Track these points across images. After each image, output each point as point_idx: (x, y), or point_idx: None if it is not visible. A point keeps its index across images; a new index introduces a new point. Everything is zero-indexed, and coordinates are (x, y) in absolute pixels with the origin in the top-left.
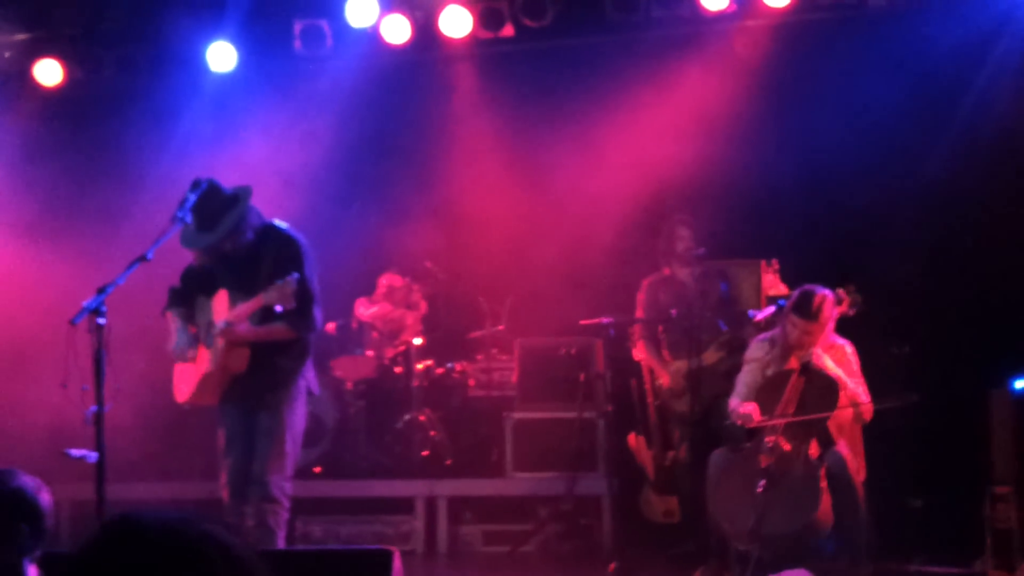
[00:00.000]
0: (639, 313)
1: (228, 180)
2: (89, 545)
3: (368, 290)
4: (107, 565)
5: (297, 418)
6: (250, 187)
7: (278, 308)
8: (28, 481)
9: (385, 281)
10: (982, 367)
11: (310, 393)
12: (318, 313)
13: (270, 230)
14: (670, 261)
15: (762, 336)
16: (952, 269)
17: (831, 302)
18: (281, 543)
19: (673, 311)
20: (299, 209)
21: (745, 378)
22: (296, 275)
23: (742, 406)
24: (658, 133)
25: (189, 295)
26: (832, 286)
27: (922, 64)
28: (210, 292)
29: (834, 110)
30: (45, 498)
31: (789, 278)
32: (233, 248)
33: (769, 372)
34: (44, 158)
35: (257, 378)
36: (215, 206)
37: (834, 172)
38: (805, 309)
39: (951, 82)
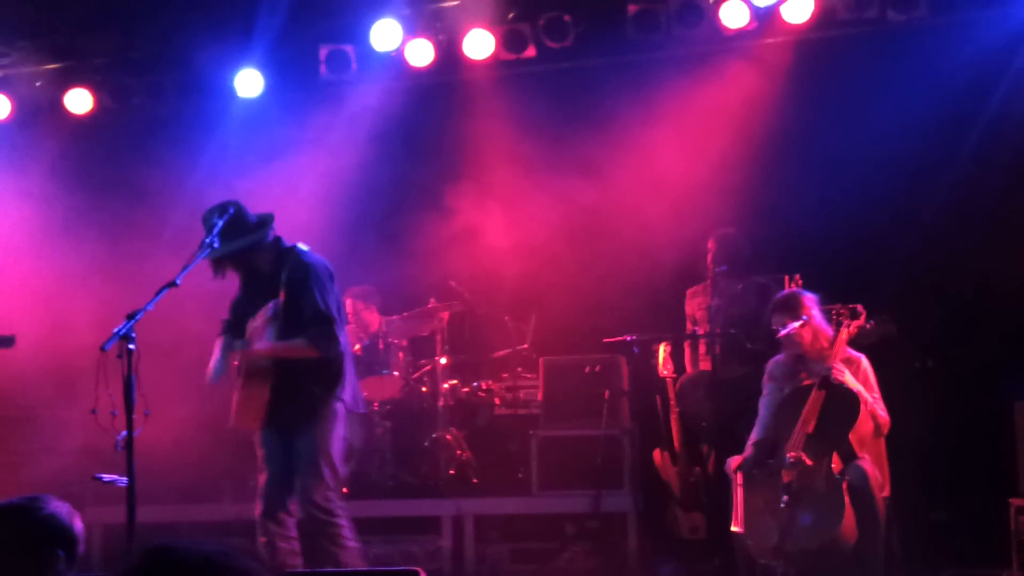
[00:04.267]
0: (688, 324)
1: (255, 204)
2: (127, 572)
3: (397, 309)
4: None
5: (334, 439)
6: (271, 215)
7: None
8: (61, 507)
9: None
10: (1006, 379)
11: (351, 412)
12: (338, 332)
13: (288, 254)
14: (707, 273)
15: (778, 357)
16: (976, 281)
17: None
18: (348, 559)
19: (699, 330)
20: (324, 231)
21: (766, 400)
22: (273, 304)
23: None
24: (680, 152)
25: (238, 324)
26: (855, 300)
27: (942, 79)
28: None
29: (855, 125)
30: (78, 524)
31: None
32: (251, 270)
33: (787, 390)
34: (75, 185)
35: (290, 404)
36: (233, 227)
37: (856, 185)
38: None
39: (970, 97)
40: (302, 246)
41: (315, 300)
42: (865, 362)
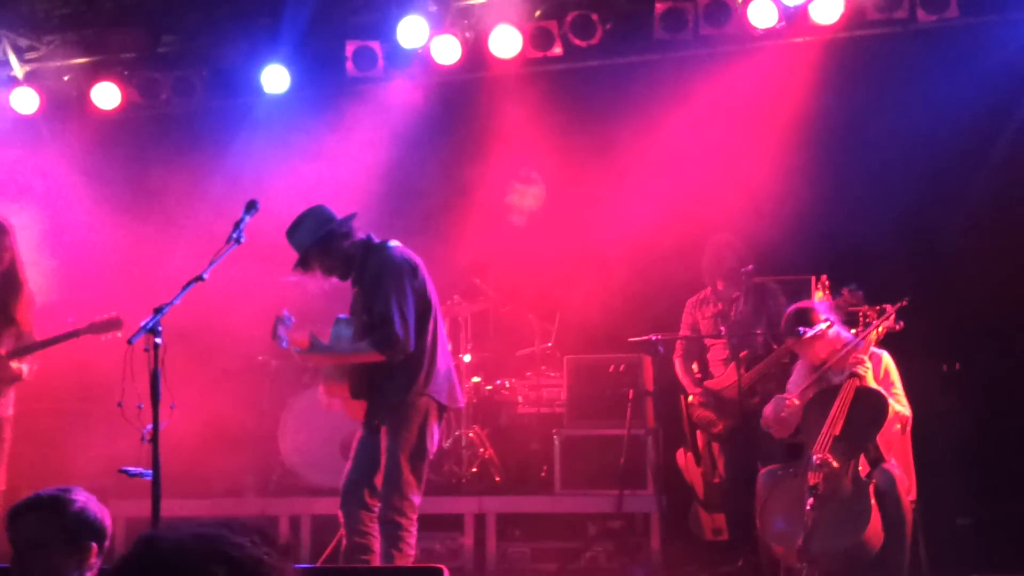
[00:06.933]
0: (682, 332)
1: (279, 199)
2: (111, 570)
3: None
4: None
5: (413, 437)
6: (352, 214)
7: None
8: (91, 499)
9: None
10: None
11: (445, 408)
12: (404, 332)
13: (370, 252)
14: (714, 279)
15: (797, 369)
16: (1005, 284)
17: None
18: (401, 561)
19: (723, 329)
20: None
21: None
22: (286, 315)
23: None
24: (707, 151)
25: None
26: (883, 301)
27: (973, 81)
28: None
29: (885, 126)
30: (107, 516)
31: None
32: (344, 269)
33: (811, 392)
34: (102, 180)
35: (371, 401)
36: (306, 224)
37: (886, 186)
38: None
39: (1002, 96)
40: (391, 243)
41: (382, 302)
42: (886, 357)
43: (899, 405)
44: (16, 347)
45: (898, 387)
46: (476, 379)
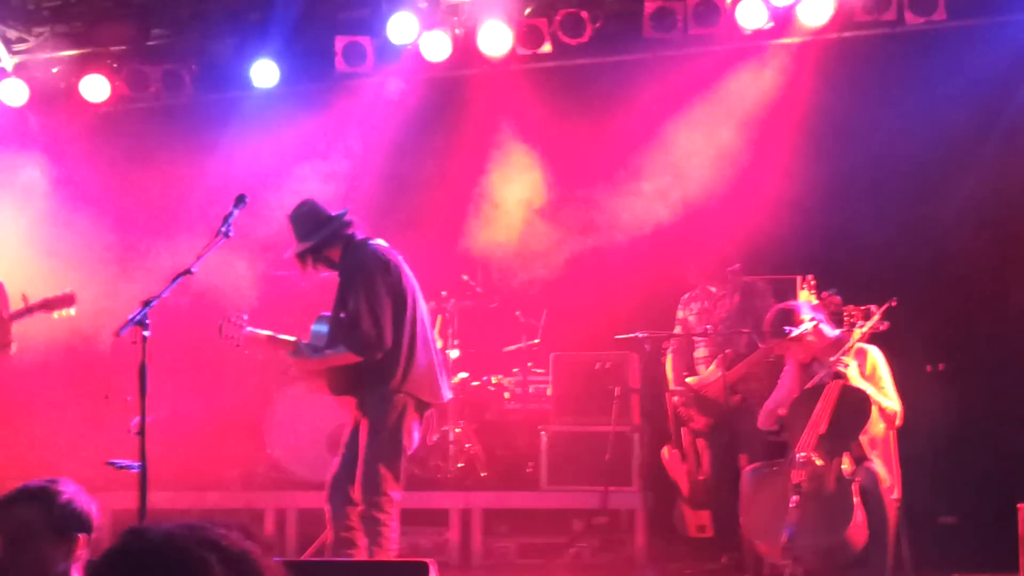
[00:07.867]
0: (676, 328)
1: (268, 193)
2: (100, 561)
3: None
4: None
5: (388, 433)
6: (344, 211)
7: None
8: (79, 491)
9: None
10: (1017, 384)
11: (424, 404)
12: (377, 331)
13: (349, 249)
14: (698, 278)
15: (787, 369)
16: (989, 285)
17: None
18: (382, 555)
19: (708, 326)
20: None
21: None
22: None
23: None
24: (696, 150)
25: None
26: (869, 299)
27: (960, 81)
28: None
29: (871, 127)
30: (95, 508)
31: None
32: (334, 265)
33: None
34: (90, 173)
35: (353, 397)
36: (307, 224)
37: (872, 186)
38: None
39: (989, 99)
40: (372, 240)
41: (355, 301)
42: (874, 352)
43: (887, 400)
44: None
45: (886, 381)
46: (463, 375)
